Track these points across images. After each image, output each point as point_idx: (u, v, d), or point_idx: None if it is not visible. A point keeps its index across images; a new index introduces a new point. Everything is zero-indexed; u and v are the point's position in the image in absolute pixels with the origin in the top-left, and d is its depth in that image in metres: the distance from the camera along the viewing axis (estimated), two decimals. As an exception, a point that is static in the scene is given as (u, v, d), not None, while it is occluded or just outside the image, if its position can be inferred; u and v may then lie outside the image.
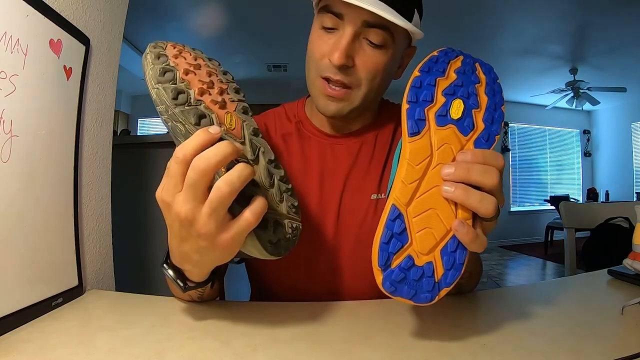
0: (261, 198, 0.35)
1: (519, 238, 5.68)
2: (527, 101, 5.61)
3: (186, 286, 0.45)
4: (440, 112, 0.38)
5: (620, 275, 0.62)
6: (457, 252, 0.35)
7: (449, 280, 0.35)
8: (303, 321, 0.47)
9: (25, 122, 0.50)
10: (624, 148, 5.66)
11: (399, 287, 0.34)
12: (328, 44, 0.52)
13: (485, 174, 0.34)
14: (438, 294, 0.35)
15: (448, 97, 0.39)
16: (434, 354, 0.38)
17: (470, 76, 0.41)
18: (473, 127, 0.38)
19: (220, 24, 3.25)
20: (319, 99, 0.56)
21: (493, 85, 0.41)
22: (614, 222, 1.21)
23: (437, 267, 0.35)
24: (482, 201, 0.34)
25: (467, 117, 0.38)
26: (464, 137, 0.38)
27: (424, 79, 0.39)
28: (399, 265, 0.34)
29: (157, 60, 0.40)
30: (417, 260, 0.35)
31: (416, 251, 0.35)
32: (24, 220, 0.50)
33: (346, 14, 0.50)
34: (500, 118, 0.40)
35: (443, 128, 0.37)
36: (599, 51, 3.71)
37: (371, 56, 0.52)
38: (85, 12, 0.66)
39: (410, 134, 0.37)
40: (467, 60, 0.42)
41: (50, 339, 0.42)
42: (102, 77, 0.73)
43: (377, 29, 0.50)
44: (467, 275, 0.50)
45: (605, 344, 0.39)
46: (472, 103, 0.39)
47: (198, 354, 0.39)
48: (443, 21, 3.16)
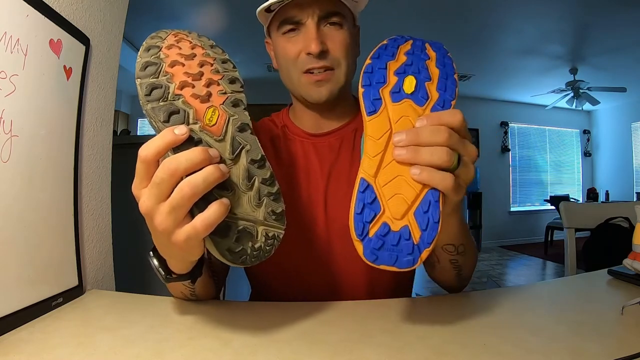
0: (219, 204, 0.33)
1: (519, 238, 5.68)
2: (527, 101, 5.61)
3: (167, 277, 0.45)
4: (394, 89, 0.41)
5: (620, 275, 0.62)
6: (429, 212, 0.36)
7: (427, 240, 0.36)
8: (303, 321, 0.47)
9: (25, 122, 0.50)
10: (624, 148, 5.66)
11: (379, 254, 0.35)
12: (298, 43, 0.58)
13: (435, 133, 0.36)
14: (420, 255, 0.36)
15: (400, 75, 0.42)
16: (434, 354, 0.38)
17: (420, 55, 0.44)
18: (427, 97, 0.40)
19: (220, 23, 3.25)
20: (309, 90, 0.60)
21: (443, 59, 0.44)
22: (614, 222, 1.21)
23: (414, 229, 0.36)
24: (434, 154, 0.36)
25: (421, 90, 0.41)
26: (420, 107, 0.40)
27: (375, 64, 0.43)
28: (376, 233, 0.36)
29: (145, 53, 0.39)
30: (392, 226, 0.36)
31: (390, 217, 0.36)
32: (24, 220, 0.50)
33: (303, 17, 0.57)
34: (453, 84, 0.42)
35: (399, 103, 0.40)
36: (599, 51, 3.71)
37: (337, 36, 0.59)
38: (85, 12, 0.66)
39: (368, 113, 0.40)
40: (417, 43, 0.45)
41: (50, 339, 0.42)
42: (102, 77, 0.73)
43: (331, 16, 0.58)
44: (462, 250, 0.52)
45: (605, 344, 0.39)
46: (424, 77, 0.41)
47: (198, 354, 0.39)
48: (443, 21, 3.16)
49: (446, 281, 0.60)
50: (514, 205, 5.85)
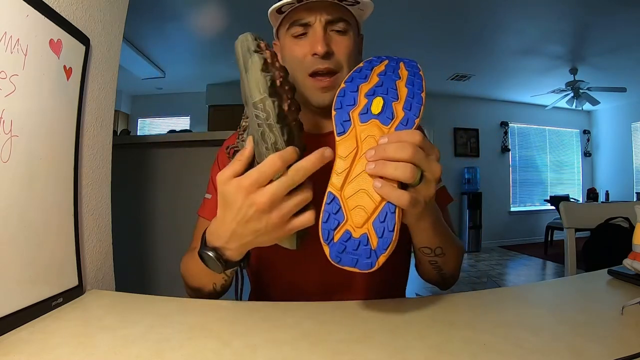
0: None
1: (519, 238, 5.68)
2: (527, 101, 5.61)
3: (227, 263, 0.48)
4: (362, 111, 0.45)
5: (620, 275, 0.62)
6: (386, 222, 0.40)
7: (383, 247, 0.40)
8: (303, 321, 0.47)
9: (25, 122, 0.50)
10: (624, 148, 5.66)
11: (342, 257, 0.41)
12: (305, 45, 0.61)
13: (399, 149, 0.40)
14: (377, 260, 0.40)
15: (369, 97, 0.46)
16: (434, 354, 0.38)
17: (392, 75, 0.47)
18: (393, 116, 0.44)
19: (221, 23, 3.25)
20: (313, 95, 0.63)
21: (413, 78, 0.47)
22: (614, 222, 1.21)
23: (371, 237, 0.40)
24: (397, 169, 0.40)
25: (387, 110, 0.45)
26: (385, 126, 0.44)
27: (348, 88, 0.48)
28: (339, 238, 0.41)
29: (265, 69, 0.42)
30: (353, 234, 0.41)
31: (352, 226, 0.41)
32: (24, 220, 0.50)
33: (312, 20, 0.60)
34: (419, 103, 0.45)
35: (366, 124, 0.44)
36: (599, 51, 3.70)
37: (342, 41, 0.62)
38: (85, 12, 0.66)
39: (338, 133, 0.45)
40: (391, 63, 0.49)
41: (50, 339, 0.42)
42: (102, 77, 0.73)
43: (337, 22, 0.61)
44: (439, 252, 0.54)
45: (605, 344, 0.39)
46: (392, 97, 0.45)
47: (198, 354, 0.39)
48: (443, 21, 3.16)
49: (430, 279, 0.63)
50: (514, 205, 5.85)
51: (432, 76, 4.57)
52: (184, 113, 5.32)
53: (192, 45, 3.81)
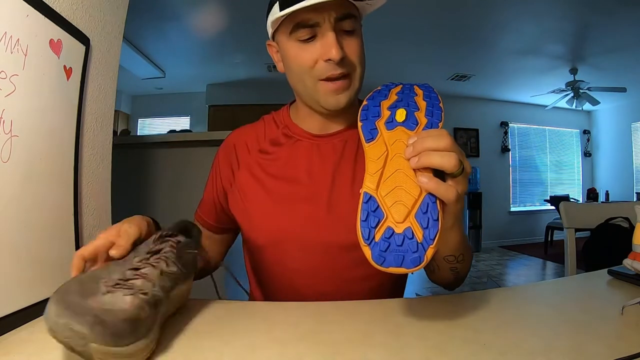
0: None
1: (519, 238, 5.68)
2: (527, 101, 5.61)
3: None
4: (388, 120, 0.47)
5: (620, 275, 0.62)
6: (428, 212, 0.40)
7: (430, 237, 0.39)
8: (303, 321, 0.47)
9: (25, 122, 0.50)
10: (624, 148, 5.66)
11: (386, 256, 0.38)
12: (314, 51, 0.57)
13: (438, 139, 0.41)
14: (425, 253, 0.38)
15: (392, 109, 0.48)
16: (434, 354, 0.38)
17: (409, 93, 0.50)
18: (417, 123, 0.46)
19: (220, 23, 3.25)
20: (328, 98, 0.60)
21: (430, 94, 0.50)
22: (614, 222, 1.21)
23: (416, 229, 0.39)
24: (444, 157, 0.40)
25: (411, 117, 0.46)
26: (412, 131, 0.45)
27: (370, 104, 0.50)
28: (381, 236, 0.39)
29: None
30: (396, 229, 0.40)
31: (394, 222, 0.40)
32: (24, 221, 0.50)
33: (320, 20, 0.55)
34: (439, 111, 0.47)
35: (393, 130, 0.46)
36: (599, 51, 3.70)
37: (353, 42, 0.59)
38: (85, 12, 0.66)
39: (367, 140, 0.46)
40: (406, 85, 0.53)
41: (50, 339, 0.42)
42: (102, 77, 0.73)
43: (346, 19, 0.57)
44: (461, 259, 0.54)
45: (605, 344, 0.39)
46: (413, 108, 0.47)
47: (198, 354, 0.39)
48: (443, 21, 3.16)
49: (445, 283, 0.62)
50: (514, 205, 5.85)
51: (432, 76, 4.57)
52: (184, 113, 5.32)
53: (192, 45, 3.81)
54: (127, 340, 0.33)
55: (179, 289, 0.46)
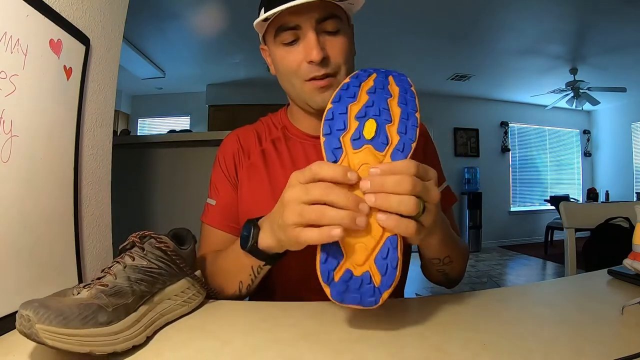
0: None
1: (519, 238, 5.68)
2: (527, 101, 5.61)
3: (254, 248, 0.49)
4: (354, 136, 0.42)
5: (620, 275, 0.62)
6: (388, 258, 0.39)
7: (387, 284, 0.38)
8: (303, 321, 0.47)
9: (25, 122, 0.50)
10: (624, 148, 5.66)
11: (345, 296, 0.39)
12: (298, 53, 0.58)
13: (399, 183, 0.38)
14: (381, 297, 0.38)
15: (360, 120, 0.43)
16: (434, 354, 0.38)
17: (382, 93, 0.44)
18: (388, 142, 0.41)
19: (220, 23, 3.25)
20: (314, 97, 0.60)
21: (405, 95, 0.44)
22: (614, 222, 1.21)
23: (374, 274, 0.39)
24: (401, 203, 0.38)
25: (381, 134, 0.42)
26: (380, 153, 0.41)
27: (336, 109, 0.44)
28: (340, 278, 0.39)
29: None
30: (355, 272, 0.39)
31: (353, 264, 0.39)
32: (24, 220, 0.50)
33: (301, 22, 0.56)
34: (415, 125, 0.42)
35: (359, 150, 0.41)
36: (599, 51, 3.70)
37: (336, 42, 0.58)
38: (85, 12, 0.66)
39: (330, 162, 0.42)
40: (380, 77, 0.46)
41: (50, 339, 0.42)
42: (102, 77, 0.73)
43: (328, 20, 0.57)
44: (447, 261, 0.54)
45: (605, 344, 0.39)
46: (385, 119, 0.42)
47: (198, 354, 0.39)
48: (443, 21, 3.16)
49: (437, 281, 0.63)
50: (514, 205, 5.85)
51: (432, 76, 4.58)
52: (184, 113, 5.32)
53: (192, 45, 3.81)
54: (76, 323, 0.35)
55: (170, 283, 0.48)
